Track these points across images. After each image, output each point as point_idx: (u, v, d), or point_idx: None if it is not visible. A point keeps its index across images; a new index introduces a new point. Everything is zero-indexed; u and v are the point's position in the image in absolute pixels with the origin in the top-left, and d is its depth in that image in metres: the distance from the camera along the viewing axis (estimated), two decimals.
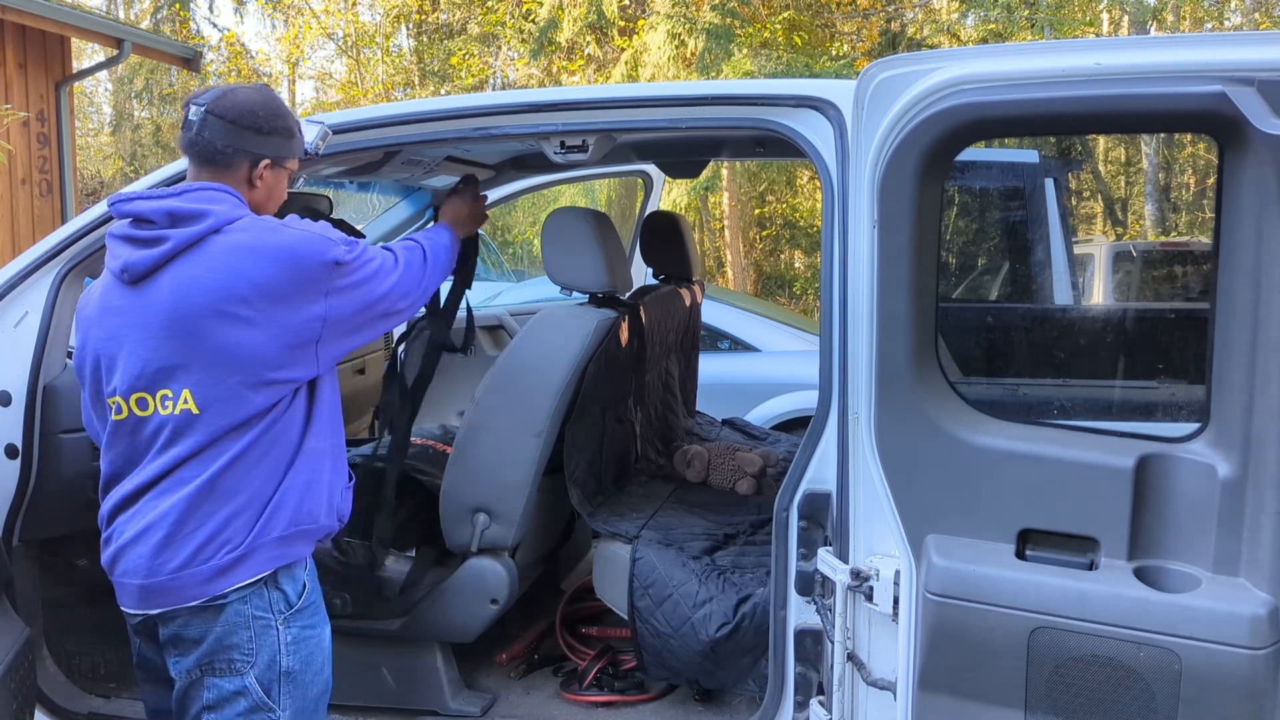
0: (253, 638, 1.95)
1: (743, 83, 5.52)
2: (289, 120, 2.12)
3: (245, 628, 1.94)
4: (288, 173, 2.15)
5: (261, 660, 1.95)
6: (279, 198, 2.16)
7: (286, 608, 1.99)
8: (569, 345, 2.83)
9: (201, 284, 1.91)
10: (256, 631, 1.95)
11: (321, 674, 2.08)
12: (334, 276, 1.98)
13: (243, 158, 2.05)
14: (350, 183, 4.01)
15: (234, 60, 21.25)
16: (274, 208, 2.14)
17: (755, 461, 3.55)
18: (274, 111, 2.09)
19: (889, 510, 2.04)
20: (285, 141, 2.11)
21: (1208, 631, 1.74)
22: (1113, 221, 16.06)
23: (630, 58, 12.12)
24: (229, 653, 1.94)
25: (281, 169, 2.12)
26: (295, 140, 2.14)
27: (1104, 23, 14.27)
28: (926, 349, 1.99)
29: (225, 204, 2.00)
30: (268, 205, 2.13)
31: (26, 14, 8.20)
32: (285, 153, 2.11)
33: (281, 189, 2.15)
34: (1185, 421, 1.91)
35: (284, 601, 1.99)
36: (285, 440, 1.99)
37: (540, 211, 12.25)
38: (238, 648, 1.94)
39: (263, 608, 1.96)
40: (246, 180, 2.07)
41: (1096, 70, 1.83)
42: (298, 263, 1.94)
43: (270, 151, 2.08)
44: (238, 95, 2.07)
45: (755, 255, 16.46)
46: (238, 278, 1.91)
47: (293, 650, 1.99)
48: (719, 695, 2.94)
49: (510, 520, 2.83)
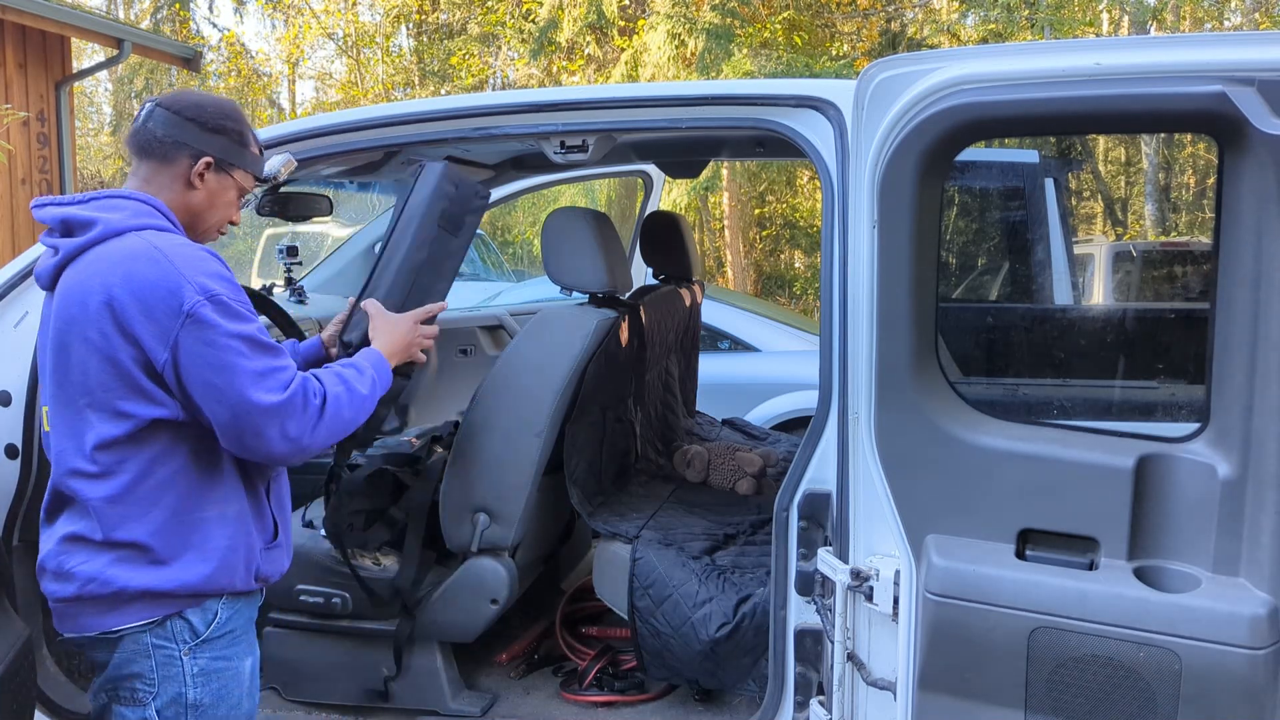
0: (154, 668, 1.83)
1: (743, 83, 5.51)
2: (243, 128, 1.98)
3: (146, 657, 1.83)
4: (237, 185, 1.98)
5: (166, 691, 1.83)
6: (223, 209, 1.99)
7: (192, 638, 1.85)
8: (569, 345, 2.83)
9: (70, 296, 1.78)
10: (159, 661, 1.83)
11: (239, 709, 1.92)
12: (186, 326, 1.73)
13: (182, 151, 1.90)
14: (350, 183, 4.02)
15: (234, 60, 21.26)
16: (216, 219, 1.98)
17: (755, 461, 3.55)
18: (225, 113, 1.96)
19: (889, 510, 2.04)
20: (233, 146, 1.96)
21: (1208, 631, 1.74)
22: (1113, 221, 16.06)
23: (630, 58, 12.12)
24: (131, 681, 1.83)
25: (228, 176, 1.96)
26: (248, 151, 1.98)
27: (1104, 23, 14.27)
28: (926, 349, 1.99)
29: (123, 212, 1.83)
30: (208, 214, 1.96)
31: (26, 14, 8.20)
32: (232, 158, 1.95)
33: (227, 200, 1.98)
34: (1185, 421, 1.91)
35: (189, 631, 1.84)
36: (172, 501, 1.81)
37: (540, 211, 12.26)
38: (140, 677, 1.83)
39: (165, 637, 1.83)
40: (185, 179, 1.92)
41: (1096, 70, 1.83)
42: (146, 299, 1.73)
43: (214, 150, 1.93)
44: (193, 94, 1.98)
45: (755, 255, 16.46)
46: (96, 294, 1.75)
47: (200, 682, 1.85)
48: (719, 695, 2.94)
49: (510, 520, 2.83)
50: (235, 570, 1.87)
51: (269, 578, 1.97)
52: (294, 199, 3.57)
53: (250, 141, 2.00)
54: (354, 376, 1.95)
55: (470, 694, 2.95)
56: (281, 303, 3.95)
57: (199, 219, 1.96)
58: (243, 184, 2.00)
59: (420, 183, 2.41)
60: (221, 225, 2.02)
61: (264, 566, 1.94)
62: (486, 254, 11.80)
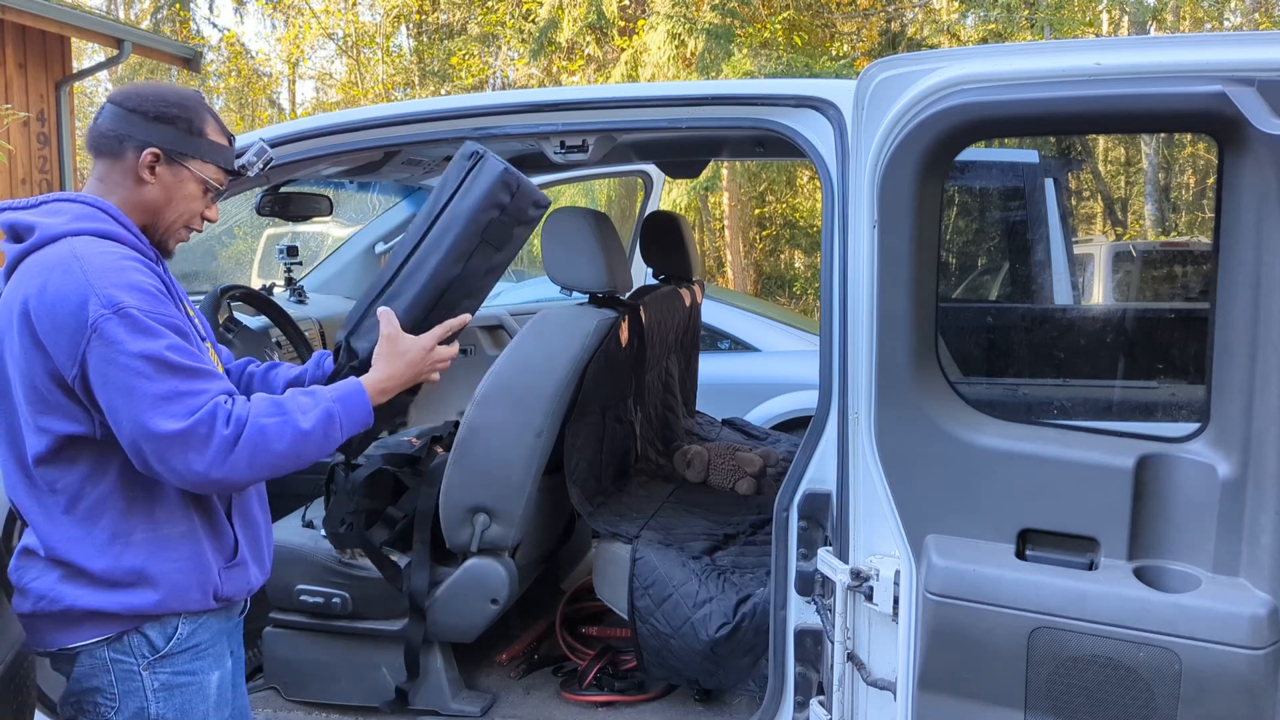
0: (114, 682, 1.79)
1: (743, 83, 5.52)
2: (194, 115, 1.85)
3: (105, 671, 1.79)
4: (195, 178, 1.86)
5: (128, 706, 1.79)
6: (183, 204, 1.87)
7: (151, 653, 1.80)
8: (569, 345, 2.83)
9: (2, 307, 1.74)
10: (118, 676, 1.79)
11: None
12: (91, 341, 1.65)
13: (128, 144, 1.81)
14: (350, 183, 4.02)
15: (234, 60, 21.27)
16: (177, 216, 1.88)
17: (755, 461, 3.55)
18: (171, 101, 1.84)
19: (889, 510, 2.04)
20: (182, 135, 1.83)
21: (1208, 631, 1.74)
22: (1113, 221, 16.07)
23: (630, 58, 12.13)
24: (93, 695, 1.80)
25: (181, 168, 1.84)
26: (203, 140, 1.86)
27: (1104, 23, 14.28)
28: (926, 349, 1.99)
29: (62, 217, 1.76)
30: (167, 210, 1.86)
31: (26, 14, 8.21)
32: (183, 148, 1.83)
33: (187, 194, 1.86)
34: (1185, 421, 1.91)
35: (148, 646, 1.79)
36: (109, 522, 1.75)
37: None
38: (101, 691, 1.79)
39: (123, 652, 1.78)
40: (135, 174, 1.82)
41: (1096, 70, 1.83)
42: (56, 311, 1.66)
43: (159, 140, 1.81)
44: (145, 86, 1.89)
45: (755, 255, 16.46)
46: (17, 305, 1.70)
47: (163, 697, 1.80)
48: (719, 695, 2.94)
49: (510, 520, 2.83)
50: (186, 592, 1.80)
51: (231, 597, 1.88)
52: (294, 199, 3.58)
53: (207, 130, 1.87)
54: (302, 407, 1.77)
55: (470, 694, 2.95)
56: (281, 303, 3.96)
57: (158, 217, 1.86)
58: (203, 175, 1.87)
59: (471, 183, 2.06)
60: (188, 222, 1.90)
61: (224, 587, 1.85)
62: None
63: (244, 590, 1.92)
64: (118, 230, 1.79)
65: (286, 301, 4.26)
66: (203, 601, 1.83)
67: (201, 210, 1.91)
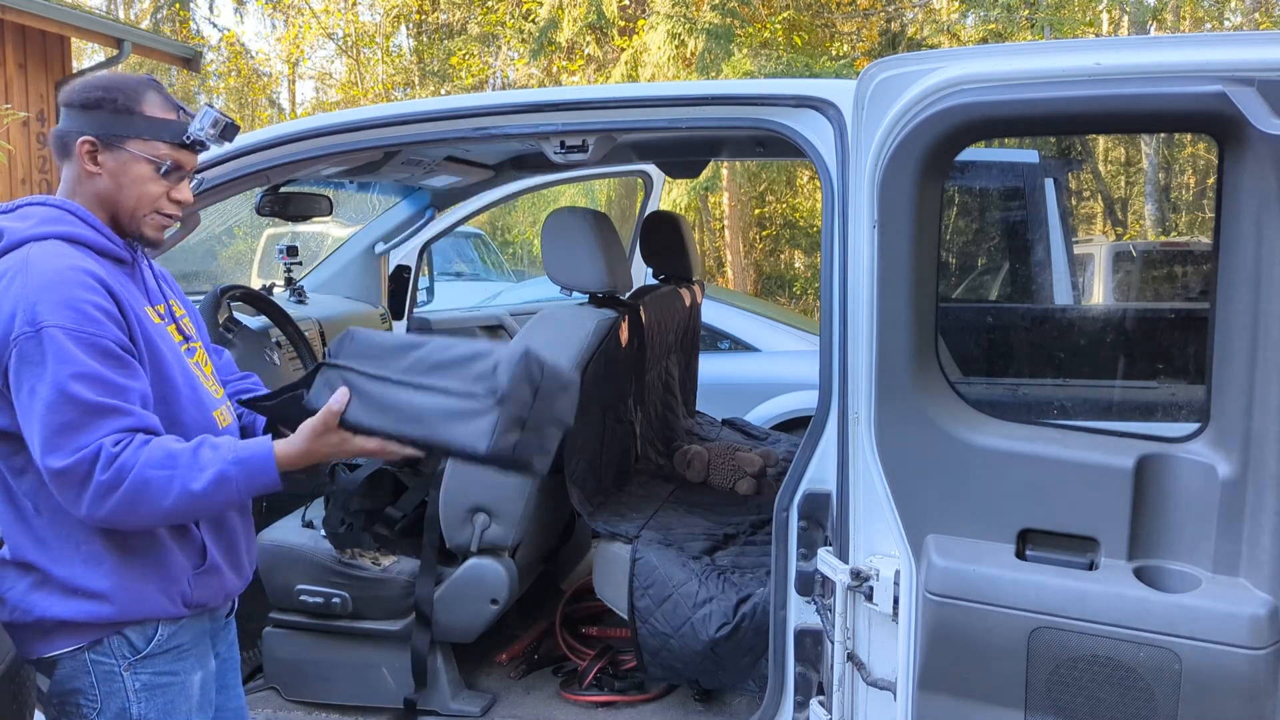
0: (95, 683, 1.77)
1: (743, 83, 5.52)
2: (125, 95, 1.77)
3: (86, 673, 1.77)
4: (142, 159, 1.78)
5: (110, 707, 1.78)
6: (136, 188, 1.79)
7: (132, 654, 1.78)
8: (569, 345, 2.83)
9: None
10: (99, 677, 1.77)
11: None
12: (12, 356, 1.64)
13: (70, 139, 1.77)
14: (350, 183, 4.02)
15: (234, 60, 21.27)
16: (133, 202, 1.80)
17: (755, 461, 3.55)
18: (99, 85, 1.78)
19: (889, 510, 2.04)
20: (115, 117, 1.76)
21: (1208, 631, 1.74)
22: (1113, 221, 16.07)
23: (630, 58, 12.13)
24: (75, 696, 1.78)
25: (121, 150, 1.77)
26: (137, 118, 1.77)
27: (1104, 23, 14.28)
28: (926, 349, 1.99)
29: (29, 221, 1.74)
30: (121, 198, 1.79)
31: (26, 14, 8.21)
32: (117, 129, 1.76)
33: (136, 176, 1.78)
34: (1185, 421, 1.91)
35: (128, 648, 1.78)
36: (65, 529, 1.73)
37: (540, 211, 12.27)
38: (82, 693, 1.78)
39: (104, 653, 1.77)
40: (82, 167, 1.78)
41: (1096, 70, 1.83)
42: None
43: (92, 128, 1.75)
44: (81, 78, 1.85)
45: (755, 255, 16.47)
46: None
47: (145, 697, 1.78)
48: (719, 695, 2.94)
49: (510, 520, 2.83)
50: (149, 600, 1.76)
51: (204, 604, 1.84)
52: (294, 199, 3.58)
53: (143, 107, 1.78)
54: (199, 463, 1.67)
55: (470, 694, 2.95)
56: (281, 303, 3.96)
57: (116, 207, 1.80)
58: (150, 154, 1.78)
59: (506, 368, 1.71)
60: (153, 206, 1.81)
61: (194, 593, 1.81)
62: (486, 254, 11.83)
63: (218, 596, 1.88)
64: (82, 232, 1.76)
65: (286, 301, 4.26)
66: (169, 609, 1.79)
67: (163, 192, 1.81)
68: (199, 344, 1.95)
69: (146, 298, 1.85)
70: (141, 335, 1.75)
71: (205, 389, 1.88)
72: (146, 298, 1.85)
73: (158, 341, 1.78)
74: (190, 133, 1.80)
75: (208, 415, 1.85)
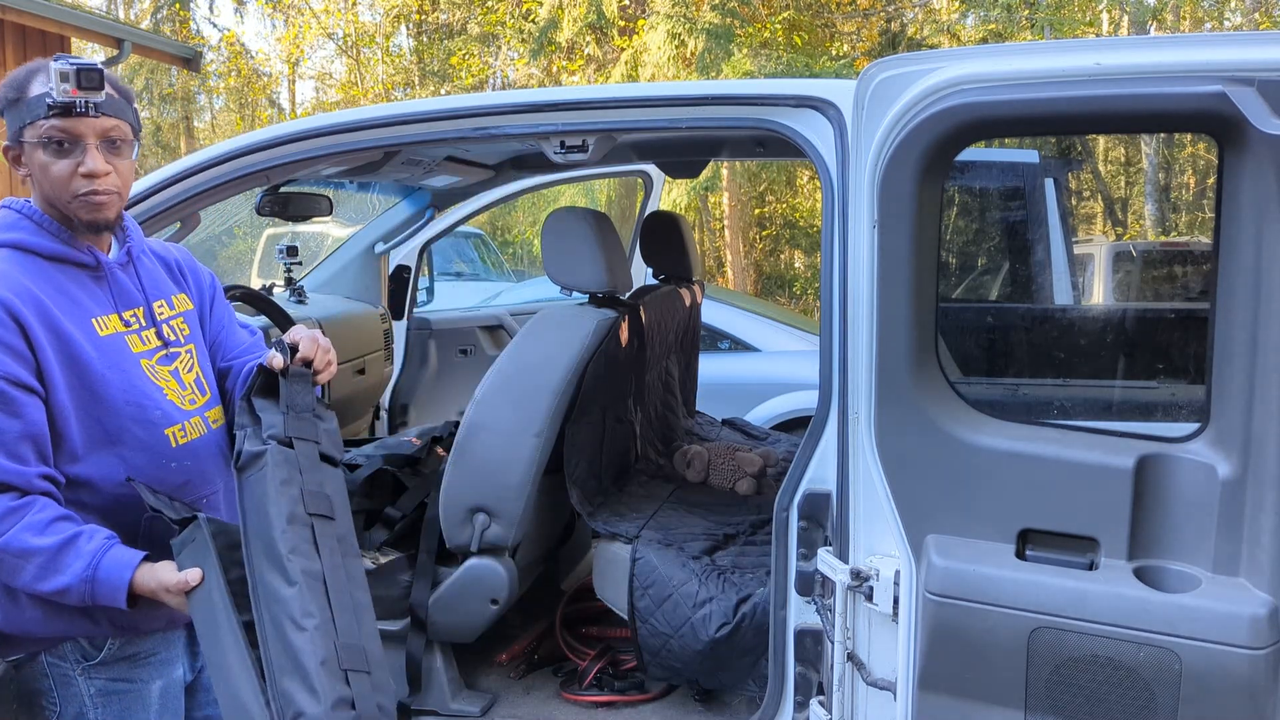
0: (54, 686, 1.76)
1: (743, 83, 5.51)
2: (16, 88, 1.71)
3: (44, 675, 1.77)
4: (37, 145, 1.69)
5: (68, 711, 1.77)
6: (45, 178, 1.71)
7: (85, 659, 1.76)
8: (569, 345, 2.83)
9: None
10: (56, 680, 1.76)
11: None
12: None
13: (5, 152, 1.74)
14: (350, 183, 4.02)
15: (234, 60, 21.27)
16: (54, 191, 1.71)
17: (755, 461, 3.55)
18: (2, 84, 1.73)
19: (889, 510, 2.04)
20: (12, 115, 1.70)
21: (1208, 631, 1.74)
22: (1113, 221, 16.07)
23: (630, 58, 12.14)
24: (38, 698, 1.78)
25: (25, 144, 1.71)
26: (20, 105, 1.69)
27: (1104, 23, 14.28)
28: (926, 349, 1.99)
29: None
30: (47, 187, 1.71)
31: (26, 14, 8.20)
32: (16, 124, 1.70)
33: (40, 164, 1.70)
34: (1185, 421, 1.91)
35: (80, 653, 1.76)
36: None
37: (540, 211, 12.27)
38: (44, 694, 1.77)
39: (59, 656, 1.75)
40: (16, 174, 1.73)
41: (1096, 70, 1.83)
42: None
43: (8, 134, 1.72)
44: None
45: (755, 255, 16.47)
46: None
47: (100, 703, 1.77)
48: (719, 695, 2.94)
49: (510, 520, 2.83)
50: (72, 620, 1.72)
51: (137, 626, 1.77)
52: (294, 199, 3.58)
53: (29, 90, 1.69)
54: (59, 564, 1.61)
55: (470, 694, 2.95)
56: (281, 303, 3.96)
57: (51, 198, 1.73)
58: (37, 137, 1.69)
59: None
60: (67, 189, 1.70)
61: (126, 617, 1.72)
62: (486, 254, 11.83)
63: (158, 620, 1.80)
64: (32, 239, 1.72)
65: (286, 301, 4.26)
66: (94, 630, 1.75)
67: (70, 169, 1.69)
68: (188, 347, 1.88)
69: (112, 303, 1.78)
70: (62, 355, 1.67)
71: (167, 401, 1.79)
72: (112, 303, 1.78)
73: (89, 357, 1.70)
74: (52, 100, 1.66)
75: (156, 432, 1.76)
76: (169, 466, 1.78)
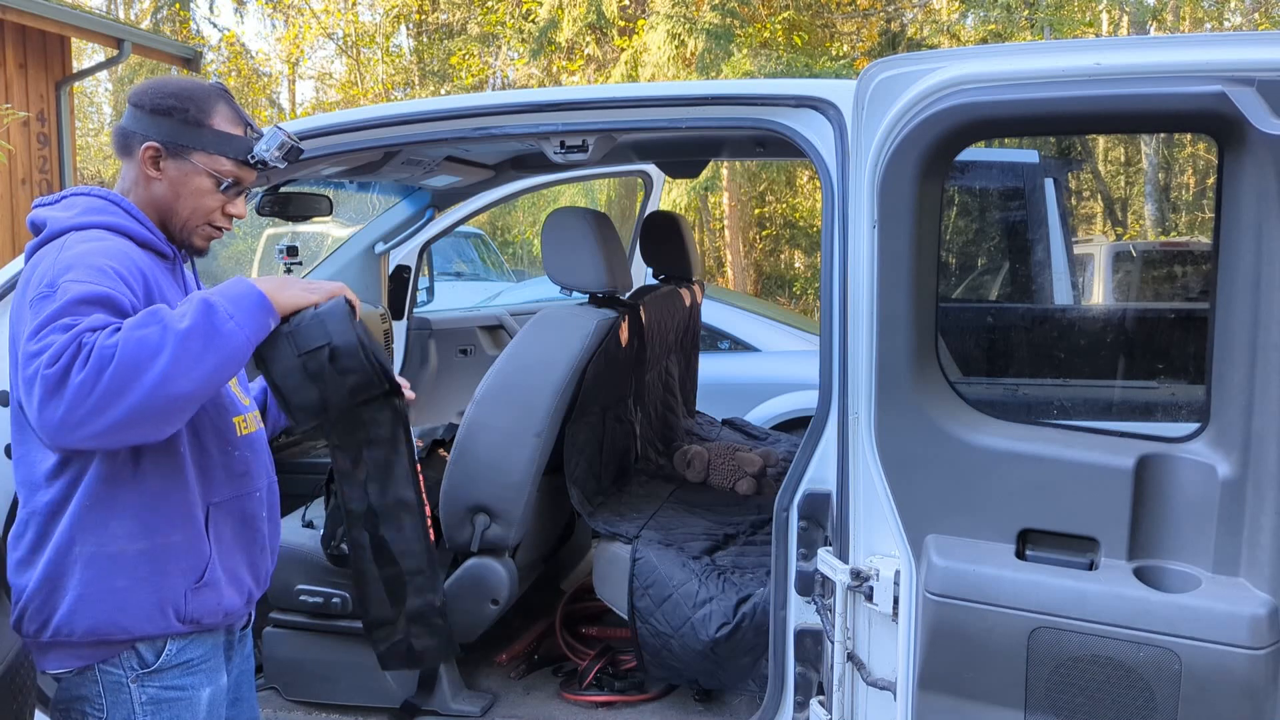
0: (102, 693, 1.75)
1: (743, 83, 5.51)
2: (197, 106, 1.78)
3: (93, 682, 1.75)
4: (205, 171, 1.79)
5: (115, 717, 1.76)
6: (194, 199, 1.80)
7: (141, 666, 1.76)
8: (569, 345, 2.83)
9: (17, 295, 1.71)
10: (106, 687, 1.75)
11: None
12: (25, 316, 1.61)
13: (134, 141, 1.79)
14: (350, 183, 4.01)
15: (234, 60, 21.26)
16: (189, 212, 1.81)
17: (755, 461, 3.55)
18: (171, 92, 1.78)
19: (889, 510, 2.04)
20: (184, 127, 1.77)
21: (1208, 631, 1.74)
22: (1113, 221, 16.07)
23: (630, 58, 12.13)
24: (80, 704, 1.77)
25: (186, 161, 1.78)
26: (206, 131, 1.78)
27: (1104, 23, 14.28)
28: (926, 349, 1.99)
29: (73, 210, 1.76)
30: (177, 206, 1.80)
31: (26, 14, 8.21)
32: (184, 139, 1.77)
33: (196, 188, 1.79)
34: (1185, 421, 1.91)
35: (137, 660, 1.75)
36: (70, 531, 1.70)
37: (540, 211, 12.27)
38: (88, 700, 1.76)
39: (113, 664, 1.75)
40: (143, 171, 1.79)
41: (1096, 70, 1.83)
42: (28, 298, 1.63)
43: (158, 134, 1.76)
44: (158, 80, 1.84)
45: (755, 255, 16.47)
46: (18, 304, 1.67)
47: (150, 711, 1.76)
48: (719, 695, 2.94)
49: (510, 520, 2.83)
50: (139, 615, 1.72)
51: (199, 619, 1.78)
52: (294, 199, 3.57)
53: (213, 120, 1.79)
54: (177, 312, 1.58)
55: (470, 694, 2.95)
56: None
57: (169, 214, 1.81)
58: (213, 168, 1.79)
59: None
60: (205, 218, 1.83)
61: (189, 609, 1.76)
62: (486, 254, 11.83)
63: (214, 612, 1.81)
64: (126, 223, 1.76)
65: None
66: (161, 625, 1.74)
67: (218, 206, 1.83)
68: None
69: (183, 293, 1.84)
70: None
71: (229, 391, 1.87)
72: (183, 293, 1.84)
73: None
74: (255, 153, 1.82)
75: (226, 418, 1.83)
76: (233, 455, 1.83)
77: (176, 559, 1.74)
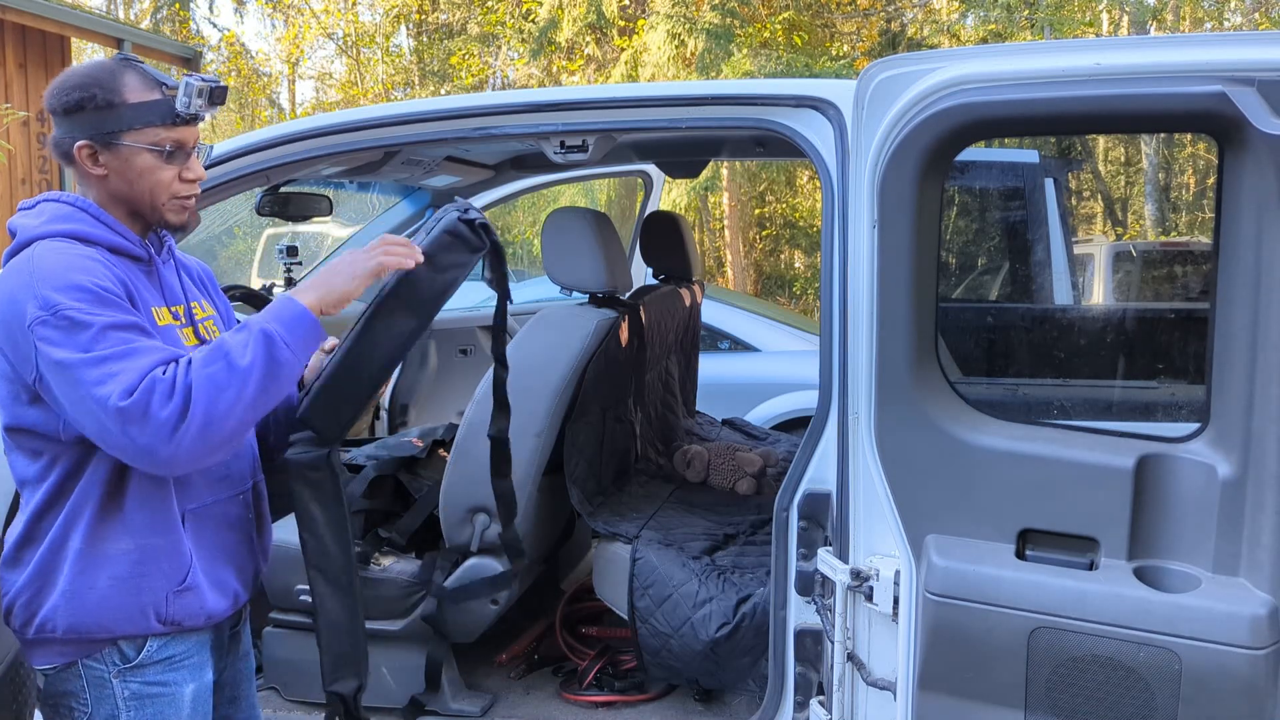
0: (86, 688, 1.75)
1: (743, 83, 5.52)
2: (101, 89, 1.71)
3: (77, 677, 1.76)
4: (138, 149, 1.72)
5: (100, 713, 1.76)
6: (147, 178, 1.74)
7: (122, 662, 1.75)
8: (569, 345, 2.83)
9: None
10: (90, 682, 1.75)
11: None
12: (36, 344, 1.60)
13: (68, 146, 1.73)
14: (350, 183, 4.02)
15: (234, 60, 21.25)
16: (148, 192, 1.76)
17: (755, 461, 3.55)
18: (74, 85, 1.71)
19: (889, 510, 2.04)
20: (99, 115, 1.70)
21: (1208, 631, 1.74)
22: (1113, 221, 16.07)
23: (630, 58, 12.13)
24: (67, 700, 1.77)
25: (121, 147, 1.71)
26: (122, 109, 1.70)
27: (1104, 23, 14.28)
28: (926, 349, 1.99)
29: (39, 219, 1.73)
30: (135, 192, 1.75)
31: (26, 14, 8.21)
32: (106, 126, 1.70)
33: (142, 167, 1.73)
34: (1185, 421, 1.91)
35: (118, 655, 1.75)
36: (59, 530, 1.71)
37: (540, 211, 12.26)
38: (74, 695, 1.76)
39: (95, 659, 1.75)
40: (87, 171, 1.74)
41: (1096, 70, 1.83)
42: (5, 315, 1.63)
43: (81, 132, 1.70)
44: (58, 80, 1.76)
45: (755, 255, 16.46)
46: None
47: (134, 706, 1.76)
48: (719, 695, 2.94)
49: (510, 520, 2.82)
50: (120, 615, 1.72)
51: (180, 622, 1.77)
52: (294, 199, 3.58)
53: (125, 95, 1.71)
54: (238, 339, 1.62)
55: (470, 694, 2.95)
56: None
57: (133, 203, 1.76)
58: (146, 142, 1.72)
59: None
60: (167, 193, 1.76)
61: (170, 612, 1.75)
62: None
63: (196, 616, 1.80)
64: (91, 229, 1.73)
65: None
66: (140, 625, 1.74)
67: (173, 175, 1.76)
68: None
69: (162, 298, 1.81)
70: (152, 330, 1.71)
71: None
72: (162, 298, 1.81)
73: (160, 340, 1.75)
74: (179, 110, 1.73)
75: None
76: None
77: (158, 562, 1.75)
